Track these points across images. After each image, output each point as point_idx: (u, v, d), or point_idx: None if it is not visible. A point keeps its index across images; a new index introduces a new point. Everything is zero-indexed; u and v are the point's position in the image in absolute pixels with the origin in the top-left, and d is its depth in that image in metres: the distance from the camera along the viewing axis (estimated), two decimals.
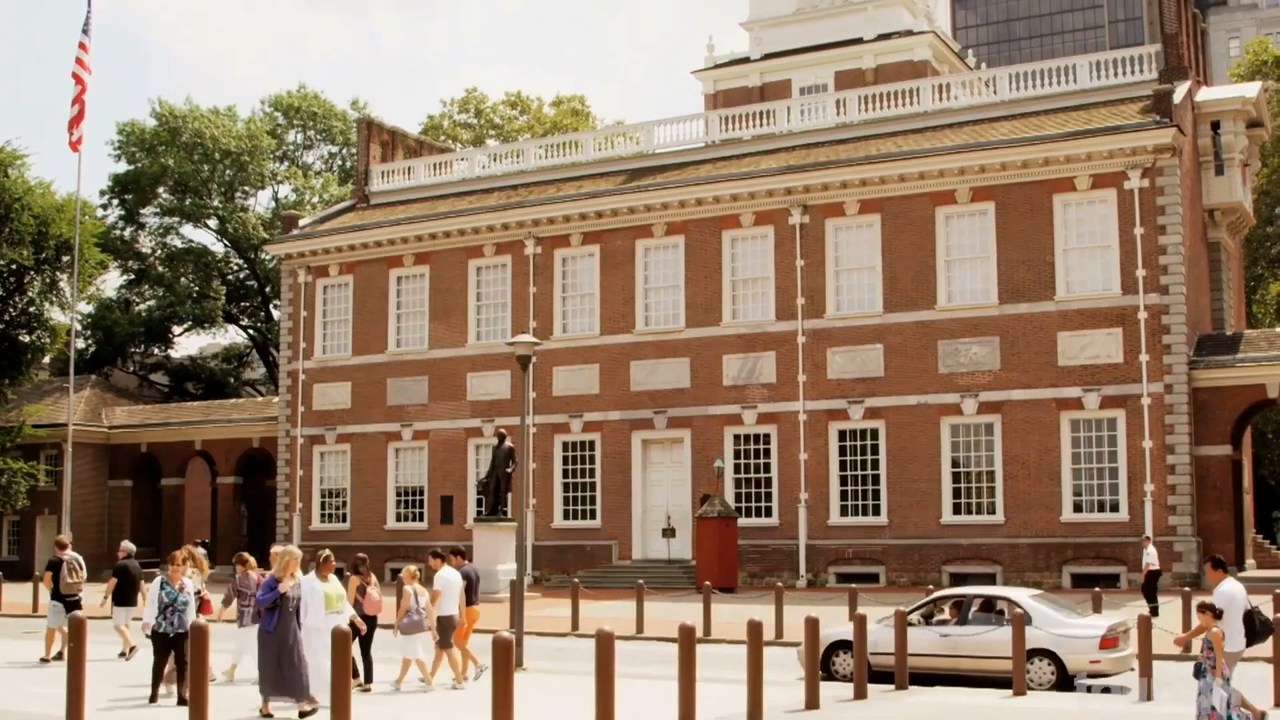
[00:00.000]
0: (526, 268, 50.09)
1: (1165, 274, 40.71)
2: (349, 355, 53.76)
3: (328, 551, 19.02)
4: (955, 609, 22.86)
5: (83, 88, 44.65)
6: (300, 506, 54.03)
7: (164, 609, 19.41)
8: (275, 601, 17.42)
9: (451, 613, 21.32)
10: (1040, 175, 42.41)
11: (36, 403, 60.45)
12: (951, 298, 43.47)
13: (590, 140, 55.25)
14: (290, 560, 17.70)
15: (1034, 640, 21.30)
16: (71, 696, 14.87)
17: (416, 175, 57.62)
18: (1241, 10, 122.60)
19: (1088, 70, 46.36)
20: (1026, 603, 22.10)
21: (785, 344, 45.40)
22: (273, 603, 17.42)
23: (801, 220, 45.46)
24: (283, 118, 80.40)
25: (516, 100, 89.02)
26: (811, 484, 44.67)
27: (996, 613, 22.47)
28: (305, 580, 18.02)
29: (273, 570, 17.84)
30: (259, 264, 75.58)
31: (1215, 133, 46.47)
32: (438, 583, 21.39)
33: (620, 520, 47.85)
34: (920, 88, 48.96)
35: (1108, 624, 21.90)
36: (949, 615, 22.76)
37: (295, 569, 17.75)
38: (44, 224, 54.37)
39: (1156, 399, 40.42)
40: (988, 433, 42.61)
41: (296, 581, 17.78)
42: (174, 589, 19.62)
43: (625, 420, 47.94)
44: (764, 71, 62.21)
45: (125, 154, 74.91)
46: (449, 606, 21.29)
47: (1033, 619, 21.49)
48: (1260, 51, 69.43)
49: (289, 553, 17.82)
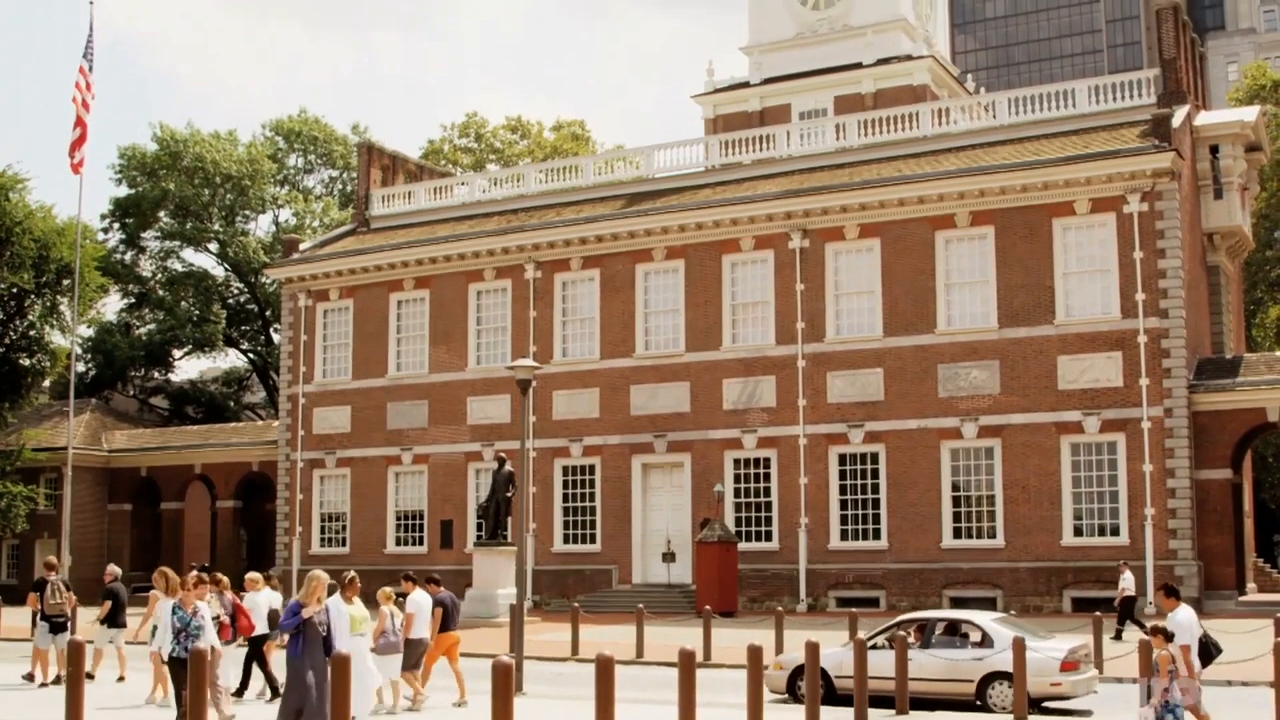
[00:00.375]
0: (526, 292, 50.13)
1: (1165, 298, 40.74)
2: (349, 379, 53.76)
3: (353, 573, 18.80)
4: (919, 632, 23.08)
5: (85, 110, 44.73)
6: (300, 530, 53.96)
7: (178, 634, 18.95)
8: (298, 627, 17.00)
9: (422, 635, 21.55)
10: (1040, 199, 42.47)
11: (36, 426, 60.42)
12: (951, 322, 43.49)
13: (590, 165, 55.36)
14: (317, 585, 17.26)
15: (995, 663, 21.62)
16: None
17: (417, 199, 57.70)
18: (1240, 35, 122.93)
19: (1087, 95, 46.47)
20: (988, 626, 22.47)
21: (785, 368, 45.40)
22: (295, 628, 17.00)
23: (801, 244, 45.52)
24: (283, 142, 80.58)
25: (517, 124, 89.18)
26: (811, 508, 44.62)
27: (960, 636, 22.77)
28: (330, 603, 17.75)
29: (298, 594, 17.46)
30: (259, 288, 75.64)
31: (1214, 157, 46.55)
32: (410, 605, 21.62)
33: (620, 544, 47.79)
34: (920, 112, 49.05)
35: (1068, 647, 22.07)
36: (913, 638, 22.89)
37: (322, 594, 17.34)
38: (45, 248, 54.39)
39: (1156, 423, 40.41)
40: (988, 456, 42.59)
41: (323, 607, 17.38)
42: (187, 613, 19.09)
43: (625, 444, 47.91)
44: (764, 96, 62.34)
45: (126, 178, 75.05)
46: (420, 630, 21.50)
47: (994, 642, 21.86)
48: (1259, 76, 69.59)
49: (316, 577, 17.35)
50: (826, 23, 62.24)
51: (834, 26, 61.92)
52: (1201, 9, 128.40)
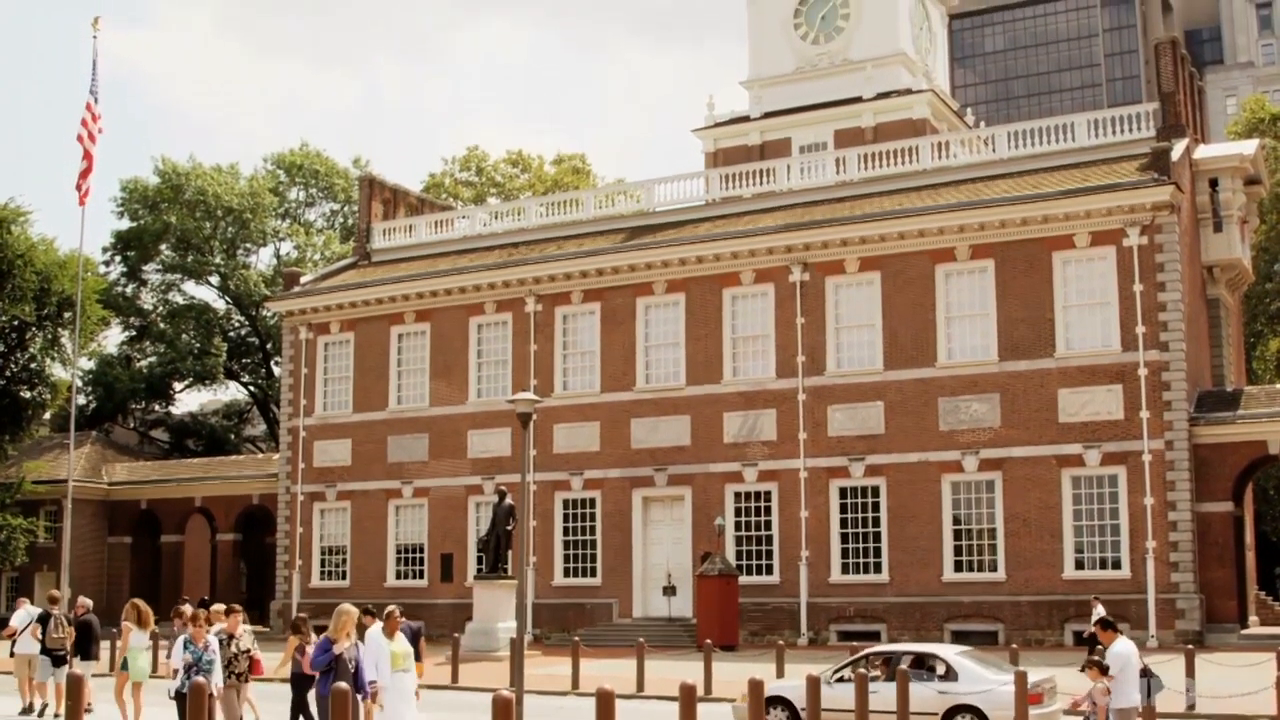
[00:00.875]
0: (527, 325, 50.16)
1: (1165, 330, 40.77)
2: (349, 412, 53.75)
3: (393, 607, 18.55)
4: (885, 665, 23.23)
5: (92, 143, 44.87)
6: (300, 564, 53.86)
7: (189, 669, 18.72)
8: (329, 664, 16.67)
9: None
10: (1039, 232, 42.54)
11: (37, 459, 60.41)
12: (951, 355, 43.51)
13: (591, 198, 55.48)
14: (347, 619, 16.94)
15: (959, 696, 21.84)
16: None
17: (418, 233, 57.78)
18: (1238, 69, 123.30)
19: (1086, 128, 46.60)
20: (952, 659, 22.69)
21: (786, 401, 45.40)
22: (327, 665, 16.68)
23: (802, 278, 45.58)
24: (285, 175, 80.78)
25: (517, 158, 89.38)
26: (812, 541, 44.55)
27: (926, 669, 22.86)
28: (371, 637, 17.48)
29: (328, 630, 17.13)
30: (260, 321, 75.72)
31: (1213, 190, 46.63)
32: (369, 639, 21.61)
33: (621, 578, 47.69)
34: (919, 146, 49.18)
35: (1032, 680, 21.98)
36: (880, 671, 22.95)
37: (352, 629, 17.05)
38: (46, 280, 54.52)
39: (1157, 455, 40.38)
40: (988, 490, 42.54)
41: (353, 642, 17.09)
42: (199, 648, 18.87)
43: (626, 478, 47.87)
44: (764, 130, 62.48)
45: (128, 211, 75.22)
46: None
47: (958, 675, 22.16)
48: (1257, 109, 69.81)
49: (346, 612, 17.03)
50: (826, 57, 62.46)
51: (834, 61, 62.11)
52: (1200, 43, 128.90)
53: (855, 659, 23.71)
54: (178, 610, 23.28)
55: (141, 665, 24.00)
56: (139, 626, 24.00)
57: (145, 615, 24.14)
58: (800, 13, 63.32)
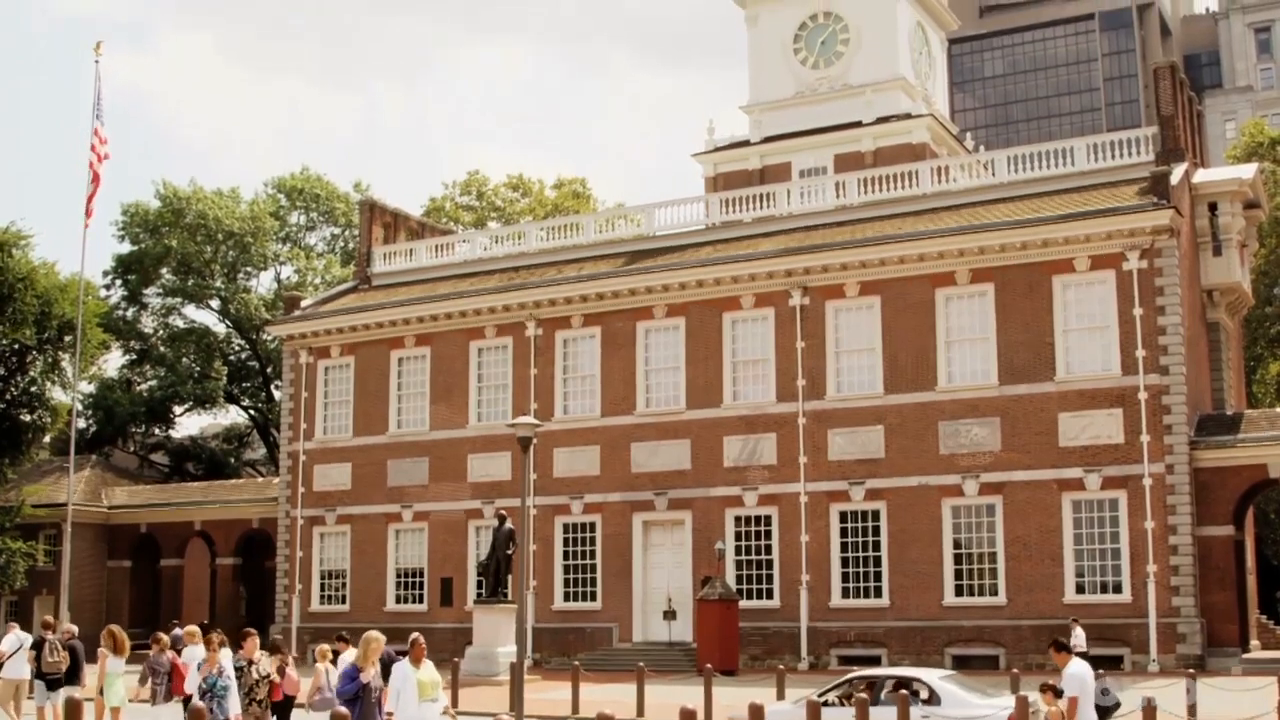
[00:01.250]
0: (528, 349, 50.19)
1: (1165, 354, 40.78)
2: (350, 436, 53.74)
3: (417, 635, 18.28)
4: (869, 689, 23.26)
5: (100, 163, 45.10)
6: (300, 588, 53.79)
7: (203, 695, 18.51)
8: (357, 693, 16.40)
9: None
10: (1039, 256, 42.60)
11: (36, 482, 60.34)
12: (952, 379, 43.52)
13: (591, 222, 55.58)
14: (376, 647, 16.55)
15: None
16: None
17: (418, 257, 57.86)
18: (1237, 93, 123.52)
19: (1085, 152, 46.70)
20: (935, 683, 22.83)
21: (786, 425, 45.40)
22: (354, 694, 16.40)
23: (802, 302, 45.62)
24: (285, 199, 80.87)
25: (518, 182, 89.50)
26: (813, 565, 44.50)
27: (911, 693, 22.86)
28: (398, 667, 17.22)
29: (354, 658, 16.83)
30: (260, 344, 75.74)
31: (1213, 214, 46.66)
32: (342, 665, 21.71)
33: (621, 602, 47.62)
34: (919, 170, 49.29)
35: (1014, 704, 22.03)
36: (865, 695, 22.97)
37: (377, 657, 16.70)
38: (47, 304, 54.56)
39: (1158, 479, 40.35)
40: (989, 514, 42.50)
41: (378, 670, 16.81)
42: (213, 673, 18.68)
43: (626, 502, 47.84)
44: (764, 154, 62.59)
45: (129, 235, 75.23)
46: None
47: (941, 699, 22.25)
48: (1256, 133, 69.99)
49: (375, 639, 16.62)
50: (826, 82, 62.63)
51: (834, 85, 62.28)
52: (1199, 67, 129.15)
53: (839, 683, 23.86)
54: (155, 637, 23.47)
55: (118, 691, 24.20)
56: (115, 653, 24.31)
57: (121, 642, 24.50)
58: (800, 38, 63.53)
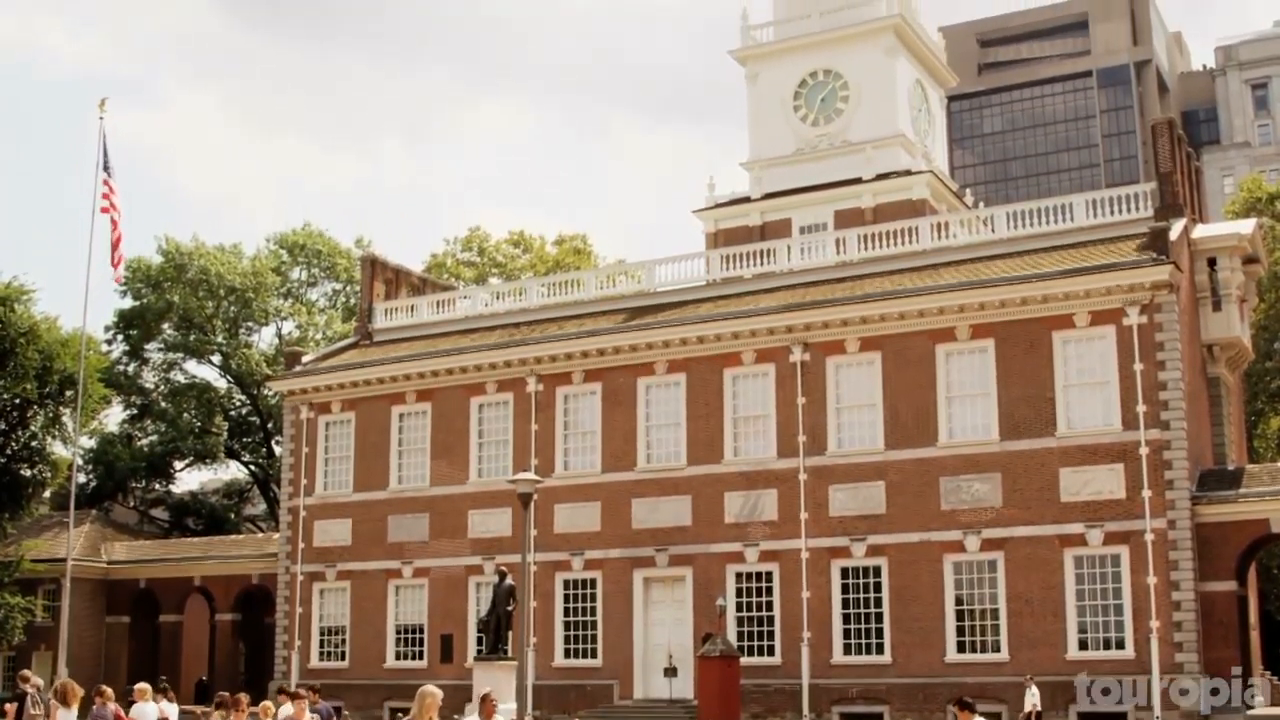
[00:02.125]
0: (528, 405, 50.18)
1: (1166, 409, 40.77)
2: (350, 492, 53.64)
3: (488, 689, 18.01)
4: None
5: (116, 212, 45.30)
6: (299, 644, 53.53)
7: None
8: None
9: None
10: (1039, 312, 42.66)
11: (36, 537, 60.21)
12: (952, 434, 43.49)
13: (592, 278, 55.69)
14: (431, 702, 16.02)
15: None
16: None
17: (419, 313, 57.95)
18: (1235, 149, 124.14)
19: (1084, 208, 46.87)
20: None
21: (787, 481, 45.33)
22: None
23: (802, 358, 45.67)
24: (287, 255, 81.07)
25: (519, 239, 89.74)
26: (814, 622, 44.32)
27: None
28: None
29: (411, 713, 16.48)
30: (261, 400, 75.77)
31: (1212, 269, 46.76)
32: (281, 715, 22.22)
33: (621, 659, 47.39)
34: (919, 226, 49.42)
35: None
36: None
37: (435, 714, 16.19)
38: (49, 359, 54.64)
39: (1160, 535, 40.26)
40: (990, 570, 42.37)
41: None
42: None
43: (626, 558, 47.70)
44: (764, 210, 62.73)
45: (131, 290, 75.42)
46: None
47: None
48: (1254, 188, 70.24)
49: (431, 694, 16.09)
50: (826, 139, 62.90)
51: (833, 142, 62.53)
52: (1197, 123, 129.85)
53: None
54: (99, 689, 23.61)
55: None
56: (64, 705, 24.33)
57: (72, 693, 24.49)
58: (800, 95, 63.82)
